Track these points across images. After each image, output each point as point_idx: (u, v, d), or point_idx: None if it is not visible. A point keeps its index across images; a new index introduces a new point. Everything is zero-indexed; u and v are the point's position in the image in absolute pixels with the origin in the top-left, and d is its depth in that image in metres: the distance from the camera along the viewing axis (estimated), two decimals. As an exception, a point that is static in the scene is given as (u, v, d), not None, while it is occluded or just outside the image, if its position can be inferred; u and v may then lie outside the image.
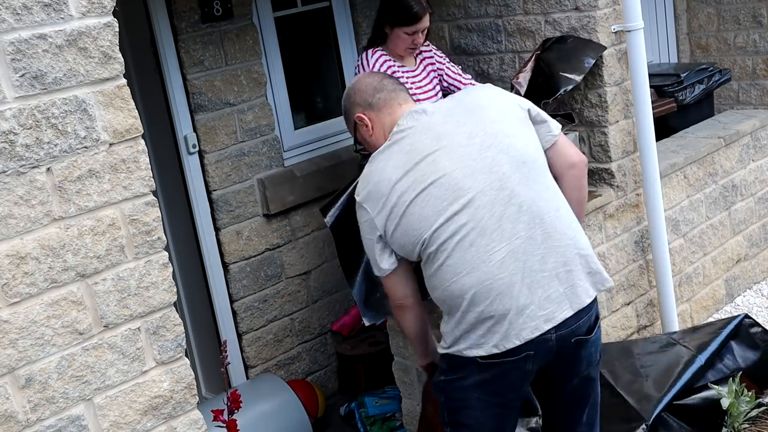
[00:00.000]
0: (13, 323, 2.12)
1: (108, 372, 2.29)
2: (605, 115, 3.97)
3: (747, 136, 4.89)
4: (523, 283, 2.42)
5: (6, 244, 2.09)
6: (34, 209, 2.13)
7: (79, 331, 2.23)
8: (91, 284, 2.24)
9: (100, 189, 2.23)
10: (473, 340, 2.45)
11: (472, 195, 2.43)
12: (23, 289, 2.13)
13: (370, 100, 2.66)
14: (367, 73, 3.18)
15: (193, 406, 2.48)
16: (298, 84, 4.53)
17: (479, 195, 2.43)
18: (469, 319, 2.45)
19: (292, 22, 4.49)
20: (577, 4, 3.88)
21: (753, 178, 4.98)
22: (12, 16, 2.05)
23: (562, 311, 2.45)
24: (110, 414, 2.30)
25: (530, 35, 4.09)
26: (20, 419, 2.15)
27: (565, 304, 2.45)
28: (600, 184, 4.10)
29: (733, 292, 4.95)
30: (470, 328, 2.45)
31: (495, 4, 4.18)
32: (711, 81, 5.07)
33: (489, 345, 2.43)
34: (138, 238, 2.31)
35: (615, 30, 3.90)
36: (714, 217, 4.75)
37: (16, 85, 2.07)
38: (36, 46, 2.09)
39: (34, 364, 2.16)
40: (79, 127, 2.17)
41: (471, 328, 2.45)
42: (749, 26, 5.54)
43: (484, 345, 2.44)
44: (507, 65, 4.22)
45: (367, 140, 2.71)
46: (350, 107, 2.73)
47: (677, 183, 4.49)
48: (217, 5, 3.97)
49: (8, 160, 2.07)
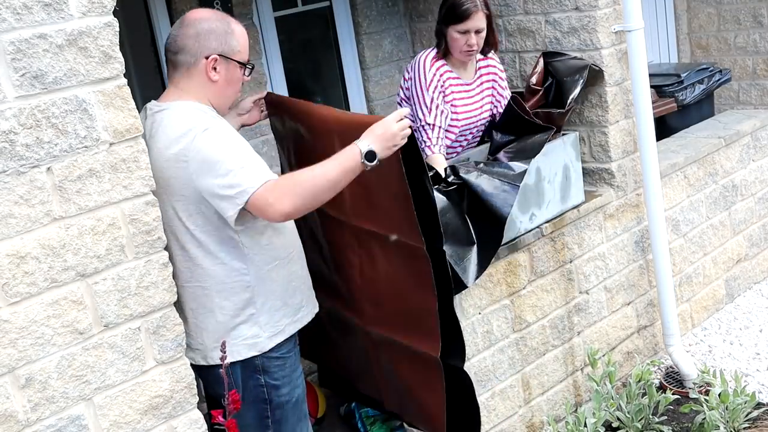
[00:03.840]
0: (13, 323, 2.12)
1: (108, 371, 2.29)
2: (605, 115, 3.98)
3: (747, 136, 4.90)
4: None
5: (6, 243, 2.09)
6: (34, 209, 2.13)
7: (79, 331, 2.23)
8: (91, 284, 2.24)
9: (100, 188, 2.23)
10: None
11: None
12: (23, 289, 2.13)
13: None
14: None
15: (193, 405, 2.48)
16: (298, 84, 4.53)
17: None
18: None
19: (292, 22, 4.49)
20: (578, 4, 3.88)
21: (753, 178, 4.98)
22: (12, 16, 2.05)
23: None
24: (110, 414, 2.30)
25: (530, 35, 4.09)
26: (20, 419, 2.15)
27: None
28: (600, 184, 4.10)
29: (733, 292, 4.95)
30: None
31: (495, 4, 4.17)
32: (711, 81, 5.08)
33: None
34: (138, 238, 2.31)
35: (615, 30, 3.90)
36: (714, 217, 4.75)
37: (17, 85, 2.07)
38: (36, 45, 2.09)
39: (34, 364, 2.16)
40: (79, 126, 2.17)
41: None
42: (749, 26, 5.54)
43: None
44: (507, 65, 4.22)
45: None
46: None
47: (677, 183, 4.49)
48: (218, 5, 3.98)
49: (8, 160, 2.07)
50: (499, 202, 3.29)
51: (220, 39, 2.57)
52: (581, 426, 3.52)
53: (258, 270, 2.61)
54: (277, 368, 2.71)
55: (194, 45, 2.55)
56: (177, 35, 2.58)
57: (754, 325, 4.67)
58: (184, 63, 2.57)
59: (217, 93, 2.62)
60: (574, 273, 3.93)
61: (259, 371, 2.67)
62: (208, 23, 2.57)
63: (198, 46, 2.55)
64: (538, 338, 3.79)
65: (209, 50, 2.56)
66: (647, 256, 4.30)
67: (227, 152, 2.46)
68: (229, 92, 2.66)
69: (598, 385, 3.64)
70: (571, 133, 3.83)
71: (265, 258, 2.62)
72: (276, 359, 2.70)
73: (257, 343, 2.65)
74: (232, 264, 2.58)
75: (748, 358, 4.35)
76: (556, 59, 3.90)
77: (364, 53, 4.85)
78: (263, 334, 2.65)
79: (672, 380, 4.19)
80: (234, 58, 2.61)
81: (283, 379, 2.73)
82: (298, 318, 2.76)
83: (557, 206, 3.78)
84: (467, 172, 3.30)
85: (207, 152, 2.45)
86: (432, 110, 3.52)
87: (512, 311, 3.66)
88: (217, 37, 2.57)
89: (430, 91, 3.53)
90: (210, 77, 2.58)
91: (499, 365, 3.63)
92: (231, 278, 2.59)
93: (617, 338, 4.20)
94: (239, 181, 2.41)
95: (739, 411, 3.57)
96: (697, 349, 4.51)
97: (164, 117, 2.55)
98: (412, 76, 3.59)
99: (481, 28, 3.53)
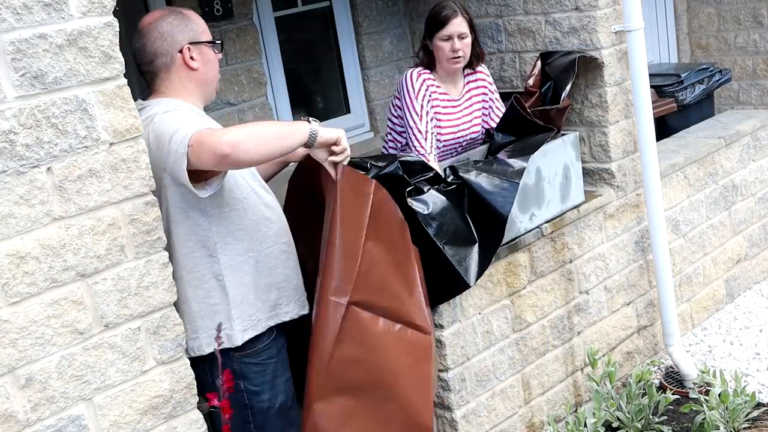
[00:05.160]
0: (14, 323, 2.12)
1: (108, 372, 2.29)
2: (605, 115, 3.97)
3: (747, 136, 4.89)
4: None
5: (6, 243, 2.09)
6: (34, 209, 2.13)
7: (79, 331, 2.23)
8: (91, 284, 2.24)
9: (100, 188, 2.23)
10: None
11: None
12: (23, 289, 2.13)
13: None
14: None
15: (193, 405, 2.48)
16: (298, 84, 4.53)
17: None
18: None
19: (292, 22, 4.50)
20: (578, 4, 3.88)
21: (753, 178, 4.98)
22: (12, 16, 2.05)
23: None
24: (110, 414, 2.30)
25: (530, 35, 4.09)
26: (20, 419, 2.15)
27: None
28: (600, 184, 4.10)
29: (733, 292, 4.95)
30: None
31: (495, 4, 4.18)
32: (711, 81, 5.08)
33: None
34: (138, 238, 2.31)
35: (615, 30, 3.90)
36: (714, 217, 4.75)
37: (17, 85, 2.07)
38: (36, 45, 2.09)
39: (34, 364, 2.16)
40: (79, 126, 2.17)
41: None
42: (749, 26, 5.54)
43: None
44: (507, 65, 4.22)
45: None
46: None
47: (677, 183, 4.49)
48: (218, 5, 3.97)
49: (8, 160, 2.07)
50: (499, 200, 3.29)
51: (183, 29, 2.62)
52: (581, 426, 3.52)
53: (230, 260, 2.61)
54: (256, 374, 2.70)
55: (163, 45, 2.60)
56: (143, 45, 2.63)
57: (754, 325, 4.67)
58: (161, 66, 2.62)
59: (201, 79, 2.67)
60: (574, 273, 3.93)
61: (238, 376, 2.65)
62: (164, 21, 2.62)
63: (167, 44, 2.60)
64: (538, 338, 3.79)
65: (179, 43, 2.61)
66: (647, 256, 4.30)
67: (177, 122, 2.48)
68: (211, 74, 2.71)
69: (598, 385, 3.64)
70: (571, 133, 3.83)
71: (237, 248, 2.62)
72: (255, 365, 2.70)
73: (230, 336, 2.64)
74: (201, 252, 2.59)
75: (748, 358, 4.35)
76: (550, 59, 3.90)
77: (364, 53, 4.85)
78: (235, 327, 2.65)
79: (672, 380, 4.19)
80: (202, 40, 2.66)
81: (263, 385, 2.71)
82: (275, 314, 2.74)
83: (557, 206, 3.78)
84: (466, 172, 3.30)
85: (161, 129, 2.49)
86: (422, 117, 3.57)
87: (512, 311, 3.66)
88: (180, 29, 2.62)
89: (419, 98, 3.58)
90: (190, 66, 2.62)
91: (499, 365, 3.63)
92: (201, 267, 2.60)
93: (617, 338, 4.20)
94: (185, 132, 2.41)
95: (739, 411, 3.57)
96: (697, 349, 4.51)
97: (141, 113, 2.56)
98: (401, 91, 3.65)
99: (464, 32, 3.57)
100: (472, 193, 3.29)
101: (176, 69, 2.62)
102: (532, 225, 3.67)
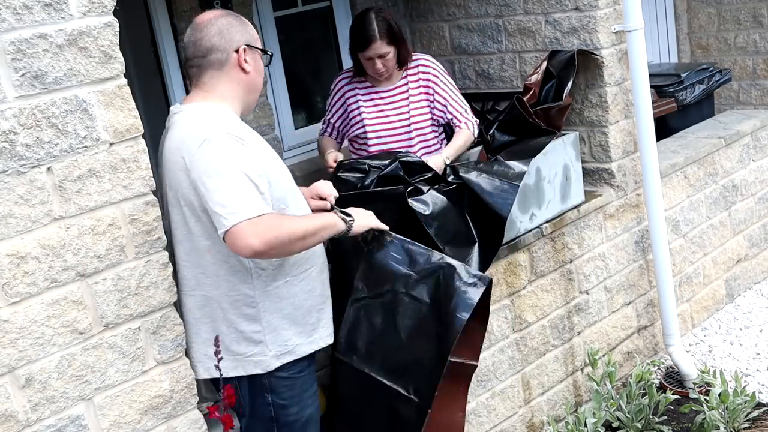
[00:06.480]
0: (14, 323, 2.12)
1: (108, 371, 2.29)
2: (605, 115, 3.98)
3: (747, 136, 4.90)
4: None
5: (6, 243, 2.09)
6: (34, 209, 2.13)
7: (79, 331, 2.23)
8: (91, 284, 2.24)
9: (100, 188, 2.23)
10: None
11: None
12: (23, 289, 2.13)
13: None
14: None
15: (193, 405, 2.48)
16: (298, 84, 4.53)
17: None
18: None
19: (292, 21, 4.49)
20: (578, 4, 3.88)
21: (753, 178, 4.98)
22: (12, 16, 2.05)
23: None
24: (110, 413, 2.30)
25: (531, 35, 4.09)
26: (20, 419, 2.15)
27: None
28: (600, 184, 4.10)
29: (733, 292, 4.95)
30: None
31: (495, 4, 4.18)
32: (711, 81, 5.08)
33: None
34: (138, 238, 2.31)
35: (615, 30, 3.90)
36: (714, 217, 4.75)
37: (17, 85, 2.07)
38: (36, 45, 2.09)
39: (34, 364, 2.16)
40: (79, 126, 2.17)
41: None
42: (749, 26, 5.54)
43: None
44: (507, 65, 4.22)
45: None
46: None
47: (677, 183, 4.49)
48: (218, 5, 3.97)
49: (8, 160, 2.07)
50: (498, 201, 3.29)
51: (241, 30, 2.57)
52: (581, 426, 3.52)
53: (264, 286, 2.52)
54: (285, 388, 2.62)
55: (221, 42, 2.52)
56: (199, 38, 2.53)
57: (754, 325, 4.67)
58: (215, 62, 2.53)
59: (250, 85, 2.60)
60: (574, 273, 3.93)
61: (267, 389, 2.59)
62: (224, 19, 2.56)
63: (225, 41, 2.53)
64: (538, 338, 3.79)
65: (237, 43, 2.54)
66: (647, 256, 4.30)
67: (224, 168, 2.37)
68: (259, 82, 2.64)
69: (598, 385, 3.64)
70: (571, 133, 3.83)
71: (274, 274, 2.54)
72: (285, 379, 2.61)
73: (262, 362, 2.55)
74: (236, 277, 2.50)
75: (748, 358, 4.35)
76: (554, 59, 3.91)
77: (364, 53, 4.84)
78: (269, 352, 2.55)
79: (672, 380, 4.19)
80: (256, 45, 2.61)
81: (292, 399, 2.63)
82: (313, 339, 2.65)
83: (557, 206, 3.78)
84: (467, 172, 3.30)
85: (205, 164, 2.37)
86: (330, 112, 3.82)
87: (512, 311, 3.66)
88: (239, 29, 2.56)
89: (331, 98, 3.82)
90: (243, 68, 2.55)
91: (499, 365, 3.63)
92: (235, 291, 2.51)
93: (617, 338, 4.20)
94: (224, 205, 2.33)
95: (739, 411, 3.57)
96: (697, 349, 4.51)
97: (178, 120, 2.51)
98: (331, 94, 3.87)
99: (384, 53, 3.55)
100: (472, 193, 3.29)
101: (229, 68, 2.54)
102: (532, 225, 3.68)
